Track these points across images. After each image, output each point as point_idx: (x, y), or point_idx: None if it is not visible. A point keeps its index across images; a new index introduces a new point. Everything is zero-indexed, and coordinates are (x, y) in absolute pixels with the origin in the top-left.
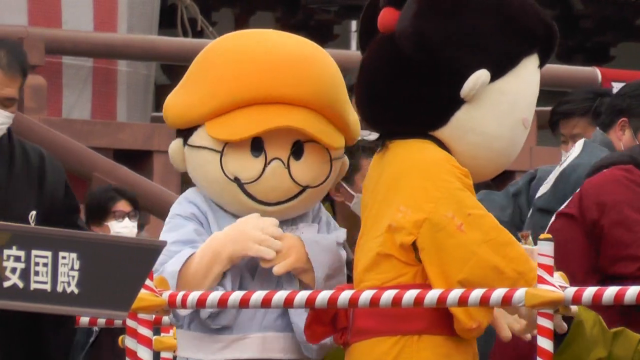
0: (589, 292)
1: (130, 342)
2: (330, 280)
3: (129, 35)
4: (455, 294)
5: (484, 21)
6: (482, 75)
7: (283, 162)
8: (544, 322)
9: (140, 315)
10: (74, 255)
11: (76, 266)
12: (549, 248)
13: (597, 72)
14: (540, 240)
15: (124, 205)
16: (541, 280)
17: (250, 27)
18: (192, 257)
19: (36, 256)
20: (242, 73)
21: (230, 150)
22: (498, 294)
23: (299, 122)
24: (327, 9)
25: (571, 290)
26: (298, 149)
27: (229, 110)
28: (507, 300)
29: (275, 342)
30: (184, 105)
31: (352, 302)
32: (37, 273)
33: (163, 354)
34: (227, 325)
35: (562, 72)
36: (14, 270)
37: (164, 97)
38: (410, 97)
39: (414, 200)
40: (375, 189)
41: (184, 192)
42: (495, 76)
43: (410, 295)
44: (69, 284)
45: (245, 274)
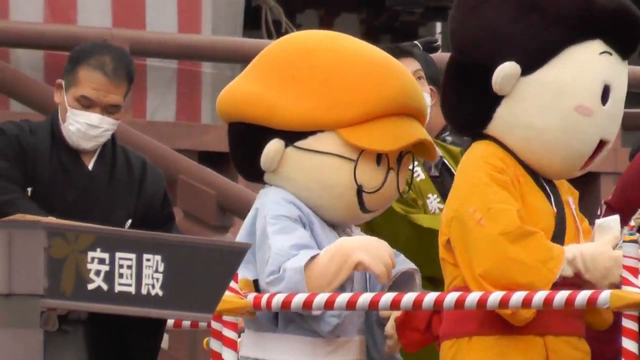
0: None
1: (215, 345)
2: None
3: (214, 37)
4: (539, 296)
5: (505, 14)
6: (506, 67)
7: (395, 172)
8: (629, 324)
9: (225, 318)
10: (158, 258)
11: (160, 268)
12: (633, 250)
13: None
14: (625, 242)
15: None
16: (626, 282)
17: (335, 29)
18: (317, 258)
19: (120, 258)
20: (382, 84)
21: (362, 159)
22: (583, 296)
23: (426, 135)
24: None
25: None
26: (400, 160)
27: (365, 120)
28: (592, 302)
29: (363, 344)
30: (300, 108)
31: (437, 304)
32: (121, 275)
33: None
34: (340, 329)
35: None
36: (98, 273)
37: None
38: (457, 99)
39: (449, 199)
40: None
41: (267, 192)
42: (530, 68)
43: (495, 298)
44: (153, 286)
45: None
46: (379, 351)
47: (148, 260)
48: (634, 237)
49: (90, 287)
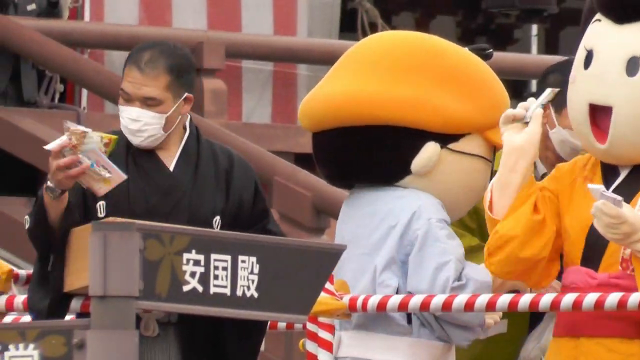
0: None
1: (310, 346)
2: None
3: (309, 39)
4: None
5: None
6: None
7: None
8: None
9: (321, 319)
10: (253, 259)
11: (256, 270)
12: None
13: None
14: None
15: None
16: None
17: (431, 32)
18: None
19: (216, 260)
20: (506, 100)
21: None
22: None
23: None
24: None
25: None
26: None
27: (496, 126)
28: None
29: None
30: (460, 111)
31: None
32: (216, 277)
33: None
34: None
35: None
36: (193, 275)
37: None
38: None
39: None
40: None
41: (417, 195)
42: None
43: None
44: (248, 287)
45: None
46: None
47: (243, 261)
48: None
49: (186, 288)
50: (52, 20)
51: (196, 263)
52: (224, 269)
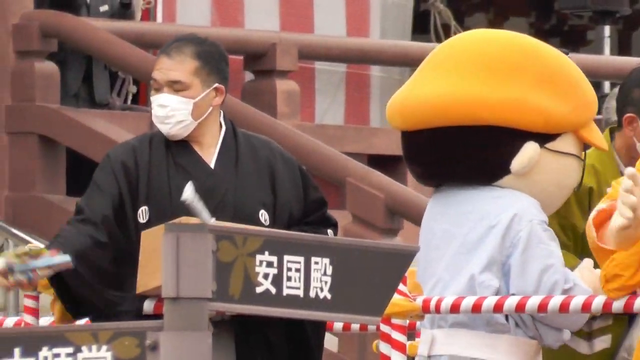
0: None
1: (384, 348)
2: None
3: (382, 41)
4: None
5: None
6: None
7: None
8: None
9: (394, 321)
10: (326, 261)
11: (329, 271)
12: None
13: None
14: None
15: None
16: None
17: None
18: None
19: (289, 261)
20: (594, 98)
21: None
22: None
23: None
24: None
25: None
26: None
27: (588, 123)
28: None
29: None
30: (562, 111)
31: None
32: (289, 278)
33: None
34: None
35: None
36: (266, 276)
37: None
38: None
39: None
40: None
41: (517, 196)
42: None
43: None
44: (321, 289)
45: None
46: None
47: (316, 263)
48: None
49: (259, 290)
50: (124, 21)
51: (269, 264)
52: (297, 270)
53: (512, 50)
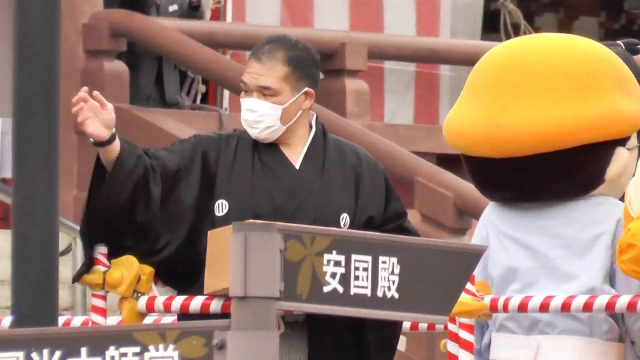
0: None
1: (452, 347)
2: None
3: (452, 40)
4: None
5: None
6: None
7: None
8: None
9: (461, 320)
10: (394, 260)
11: (396, 270)
12: None
13: None
14: None
15: None
16: None
17: (574, 33)
18: None
19: (356, 261)
20: None
21: None
22: None
23: None
24: None
25: None
26: None
27: None
28: None
29: None
30: (633, 111)
31: None
32: (357, 278)
33: None
34: None
35: None
36: (334, 275)
37: None
38: None
39: None
40: None
41: (614, 203)
42: None
43: None
44: (389, 288)
45: None
46: None
47: (384, 262)
48: None
49: (326, 289)
50: (194, 21)
51: (337, 264)
52: (365, 269)
53: (586, 59)
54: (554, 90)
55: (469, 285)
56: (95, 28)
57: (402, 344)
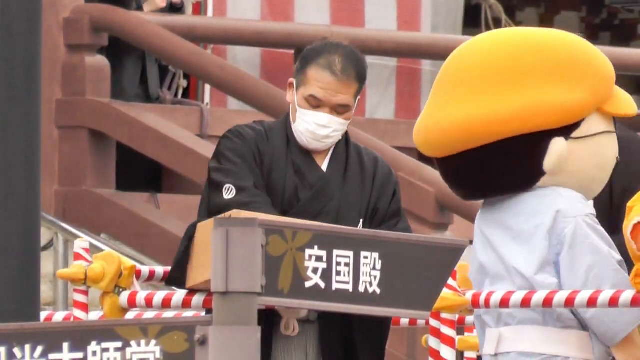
0: None
1: (433, 342)
2: None
3: (433, 35)
4: None
5: None
6: None
7: None
8: None
9: (443, 315)
10: (375, 255)
11: (378, 266)
12: None
13: None
14: None
15: None
16: None
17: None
18: None
19: (338, 256)
20: (607, 61)
21: None
22: None
23: None
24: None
25: None
26: None
27: (611, 93)
28: None
29: None
30: (575, 100)
31: None
32: (338, 273)
33: (467, 354)
34: None
35: None
36: (315, 270)
37: None
38: None
39: None
40: None
41: (559, 192)
42: None
43: None
44: (370, 284)
45: None
46: None
47: (366, 257)
48: None
49: (308, 284)
50: (175, 15)
51: (318, 259)
52: (347, 264)
53: (516, 54)
54: (477, 87)
55: (450, 281)
56: (76, 22)
57: None
